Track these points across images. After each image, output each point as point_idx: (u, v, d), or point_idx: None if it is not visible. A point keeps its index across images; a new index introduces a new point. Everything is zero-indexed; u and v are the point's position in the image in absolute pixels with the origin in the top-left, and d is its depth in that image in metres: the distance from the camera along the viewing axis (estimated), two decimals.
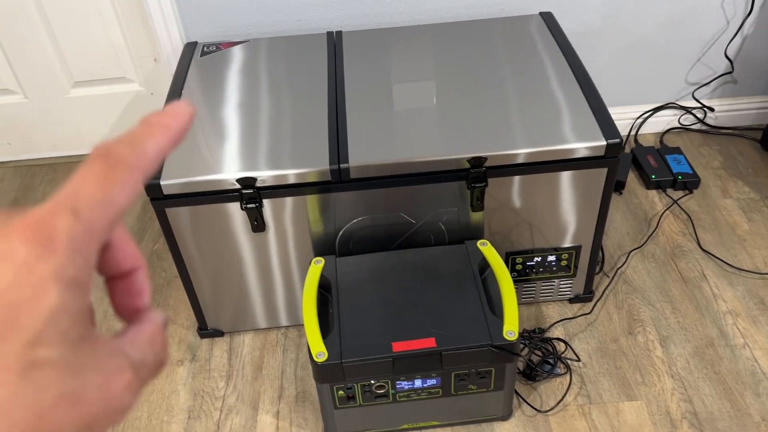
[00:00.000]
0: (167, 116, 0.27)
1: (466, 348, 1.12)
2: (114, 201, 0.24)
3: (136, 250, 0.28)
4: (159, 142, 0.26)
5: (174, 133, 0.27)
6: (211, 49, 1.55)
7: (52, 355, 0.21)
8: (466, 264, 1.26)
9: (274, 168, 1.21)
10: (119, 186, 0.24)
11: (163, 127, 0.26)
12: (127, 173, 0.25)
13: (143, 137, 0.26)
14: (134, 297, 0.28)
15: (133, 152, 0.25)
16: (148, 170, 0.26)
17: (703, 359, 1.37)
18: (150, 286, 0.29)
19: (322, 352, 1.11)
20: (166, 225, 1.27)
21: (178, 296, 1.57)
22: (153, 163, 0.26)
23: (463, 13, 1.66)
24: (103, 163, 0.24)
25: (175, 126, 0.27)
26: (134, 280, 0.28)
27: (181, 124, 0.27)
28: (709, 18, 1.72)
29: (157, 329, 0.28)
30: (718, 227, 1.64)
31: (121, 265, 0.28)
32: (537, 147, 1.22)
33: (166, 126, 0.27)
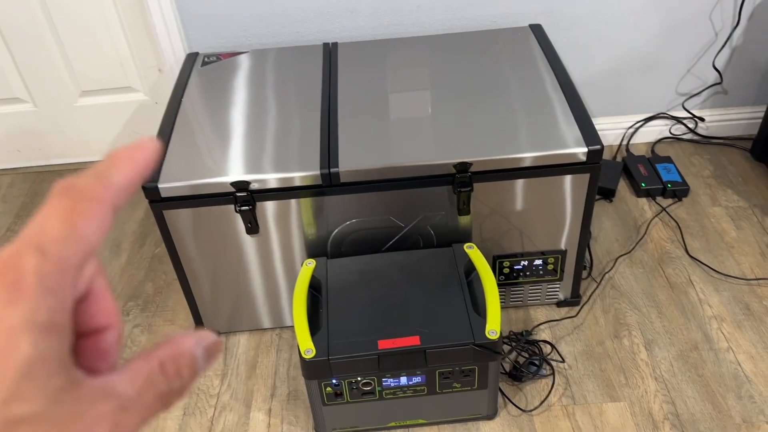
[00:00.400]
0: (132, 149, 0.26)
1: (449, 346, 1.16)
2: (82, 235, 0.23)
3: (114, 306, 0.26)
4: (125, 173, 0.25)
5: (140, 164, 0.26)
6: (212, 59, 1.61)
7: (31, 409, 0.20)
8: (453, 266, 1.30)
9: (268, 172, 1.26)
10: (86, 219, 0.23)
11: (128, 159, 0.26)
12: (93, 205, 0.23)
13: (108, 169, 0.25)
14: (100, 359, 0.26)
15: (98, 184, 0.24)
16: (116, 202, 0.24)
17: (687, 362, 1.39)
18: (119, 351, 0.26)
19: (310, 349, 1.15)
20: (164, 227, 1.32)
21: (177, 298, 1.62)
22: (120, 194, 0.25)
23: (455, 25, 1.71)
24: (66, 198, 0.23)
25: (141, 158, 0.26)
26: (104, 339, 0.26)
27: (147, 155, 0.26)
28: (698, 30, 1.76)
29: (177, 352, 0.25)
30: (706, 234, 1.67)
31: (94, 320, 0.26)
32: (521, 153, 1.26)
33: (132, 158, 0.26)
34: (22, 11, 1.75)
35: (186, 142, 1.34)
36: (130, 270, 1.71)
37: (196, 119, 1.41)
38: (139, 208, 1.89)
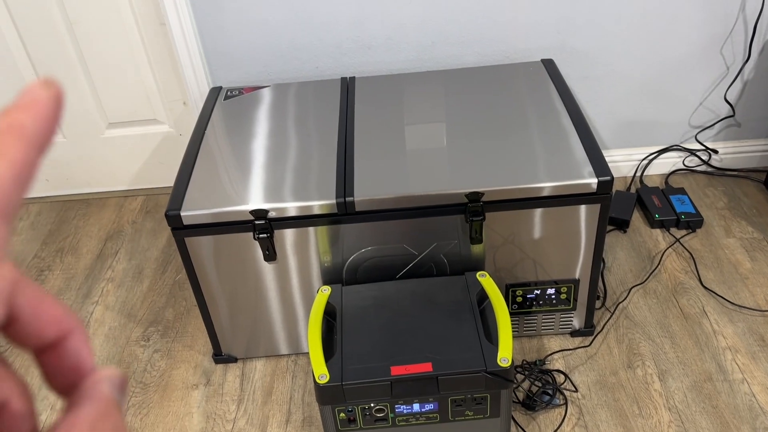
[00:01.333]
0: (17, 112, 0.19)
1: (461, 373, 1.18)
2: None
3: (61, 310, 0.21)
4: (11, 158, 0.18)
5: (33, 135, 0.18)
6: (234, 93, 1.67)
7: None
8: (465, 294, 1.32)
9: (286, 200, 1.30)
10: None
11: (13, 133, 0.18)
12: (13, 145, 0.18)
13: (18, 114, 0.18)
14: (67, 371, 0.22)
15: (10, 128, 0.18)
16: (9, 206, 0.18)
17: (700, 393, 1.39)
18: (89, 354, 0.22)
19: (324, 374, 1.18)
20: (186, 254, 1.36)
21: (196, 324, 1.65)
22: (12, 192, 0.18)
23: (469, 60, 1.76)
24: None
25: (31, 122, 0.19)
26: (66, 350, 0.21)
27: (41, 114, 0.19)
28: (709, 64, 1.79)
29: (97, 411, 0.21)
30: (720, 265, 1.67)
31: (43, 335, 0.21)
32: (531, 184, 1.29)
33: (18, 128, 0.18)
34: (54, 47, 1.84)
35: (208, 172, 1.39)
36: (152, 296, 1.75)
37: (218, 150, 1.46)
38: (161, 235, 1.94)
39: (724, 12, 1.69)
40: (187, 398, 1.48)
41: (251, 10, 1.69)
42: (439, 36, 1.73)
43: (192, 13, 1.70)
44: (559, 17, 1.70)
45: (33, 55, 1.86)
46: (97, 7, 1.78)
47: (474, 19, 1.70)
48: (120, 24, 1.80)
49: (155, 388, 1.51)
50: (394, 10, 1.69)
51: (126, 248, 1.92)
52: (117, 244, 1.94)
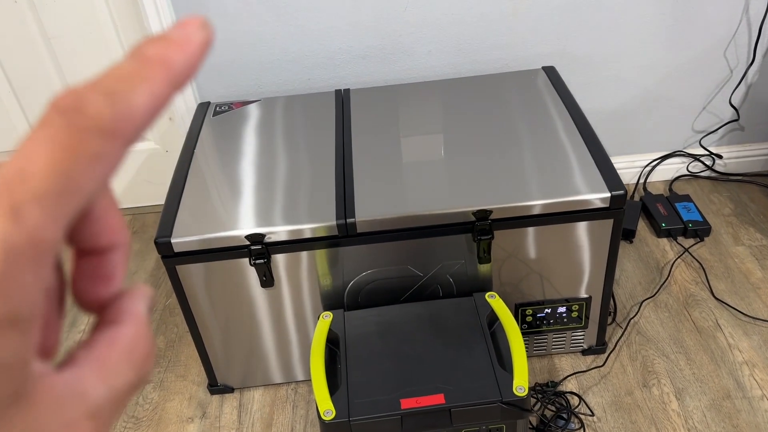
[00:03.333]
0: (170, 45, 0.18)
1: (475, 404, 1.11)
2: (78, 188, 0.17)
3: (121, 222, 0.21)
4: (153, 89, 0.18)
5: (177, 74, 0.18)
6: (224, 108, 1.59)
7: None
8: (475, 317, 1.26)
9: (283, 224, 1.23)
10: (87, 164, 0.17)
11: (162, 65, 0.18)
12: (101, 143, 0.17)
13: (131, 83, 0.17)
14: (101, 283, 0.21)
15: (113, 108, 0.17)
16: (133, 136, 0.17)
17: (720, 412, 1.33)
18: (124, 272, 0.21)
19: (330, 410, 1.11)
20: (177, 281, 1.29)
21: (189, 352, 1.57)
22: (142, 124, 0.18)
23: (468, 69, 1.70)
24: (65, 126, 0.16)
25: (181, 61, 0.18)
26: (107, 260, 0.21)
27: (190, 55, 0.18)
28: (713, 68, 1.74)
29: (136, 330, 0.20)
30: (731, 275, 1.62)
31: (97, 239, 0.20)
32: (542, 200, 1.23)
33: (167, 63, 0.18)
34: (31, 62, 1.75)
35: (199, 195, 1.32)
36: None
37: (209, 171, 1.38)
38: (149, 257, 1.86)
39: (728, 15, 1.65)
40: None
41: (239, 21, 1.62)
42: (435, 45, 1.66)
43: None
44: (559, 23, 1.64)
45: (9, 71, 1.77)
46: (76, 21, 1.69)
47: (471, 26, 1.64)
48: (100, 37, 1.72)
49: (148, 422, 1.43)
50: (389, 19, 1.62)
51: None
52: None
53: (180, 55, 0.18)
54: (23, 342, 0.16)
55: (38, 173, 0.16)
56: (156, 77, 0.18)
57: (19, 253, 0.15)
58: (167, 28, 0.19)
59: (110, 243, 0.21)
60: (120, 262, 0.21)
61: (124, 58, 0.18)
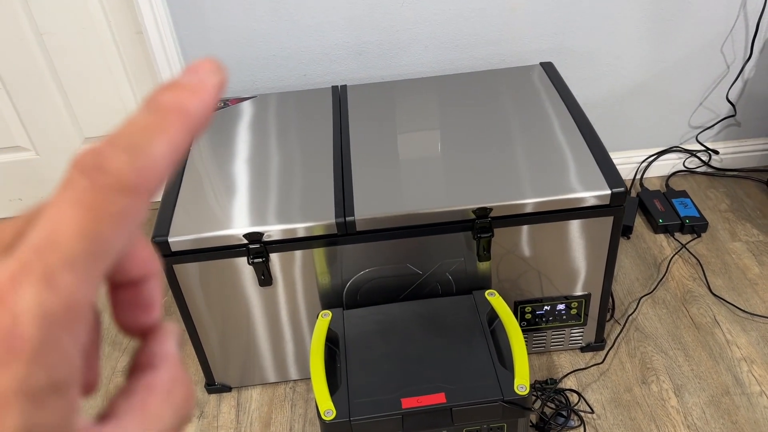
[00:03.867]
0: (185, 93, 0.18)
1: (476, 403, 1.10)
2: (108, 247, 0.16)
3: (152, 253, 0.21)
4: (172, 139, 0.17)
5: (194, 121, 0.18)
6: (219, 105, 1.57)
7: None
8: (474, 315, 1.25)
9: (281, 222, 1.22)
10: (115, 222, 0.16)
11: (178, 114, 0.18)
12: (125, 200, 0.17)
13: (149, 135, 0.17)
14: (141, 312, 0.22)
15: (135, 164, 0.17)
16: (154, 188, 0.17)
17: (719, 408, 1.34)
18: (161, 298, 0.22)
19: (330, 410, 1.10)
20: (174, 281, 1.27)
21: (186, 351, 1.56)
22: (163, 174, 0.17)
23: (465, 65, 1.69)
24: (89, 187, 0.16)
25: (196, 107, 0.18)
26: (143, 290, 0.21)
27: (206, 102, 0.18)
28: (710, 63, 1.74)
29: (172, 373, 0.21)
30: (728, 271, 1.62)
31: (129, 272, 0.21)
32: (542, 197, 1.22)
33: (184, 111, 0.18)
34: (23, 59, 1.72)
35: (195, 193, 1.30)
36: None
37: (205, 169, 1.37)
38: None
39: (725, 10, 1.64)
40: None
41: (234, 16, 1.60)
42: (432, 40, 1.65)
43: (171, 20, 1.60)
44: (557, 18, 1.63)
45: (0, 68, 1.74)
46: (68, 16, 1.67)
47: (468, 21, 1.63)
48: (93, 33, 1.69)
49: None
50: (385, 14, 1.61)
51: None
52: None
53: (195, 101, 0.18)
54: (67, 404, 0.16)
55: (67, 238, 0.16)
56: (173, 127, 0.18)
57: (56, 320, 0.16)
58: (180, 74, 0.19)
59: (143, 274, 0.21)
60: (156, 290, 0.22)
61: (139, 109, 0.18)
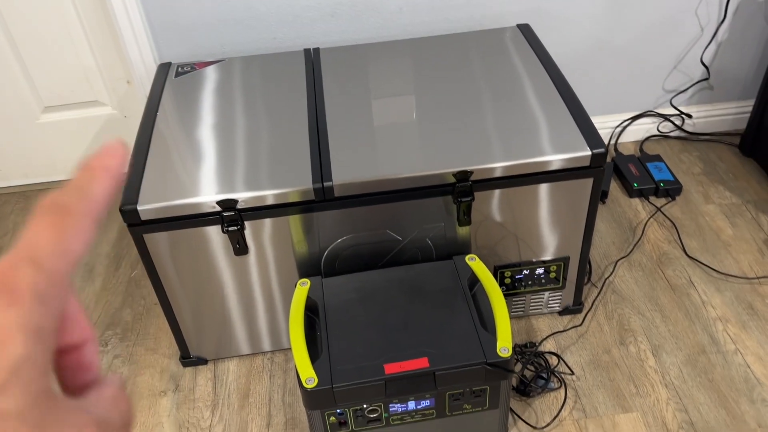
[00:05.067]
0: (104, 158, 0.27)
1: (459, 367, 1.09)
2: (70, 249, 0.24)
3: (87, 321, 0.27)
4: (103, 184, 0.26)
5: (114, 173, 0.27)
6: (186, 69, 1.51)
7: (15, 406, 0.21)
8: (455, 280, 1.24)
9: (255, 189, 1.18)
10: (73, 233, 0.24)
11: (103, 169, 0.27)
12: (78, 220, 0.25)
13: (87, 183, 0.26)
14: (84, 371, 0.27)
15: (81, 199, 0.25)
16: (98, 214, 0.26)
17: (695, 367, 1.35)
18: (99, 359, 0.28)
19: (312, 378, 1.08)
20: (145, 251, 1.22)
21: (159, 324, 1.52)
22: (101, 206, 0.26)
23: (441, 27, 1.65)
24: (52, 214, 0.24)
25: (114, 165, 0.27)
26: (84, 353, 0.27)
27: (119, 162, 0.27)
28: (684, 26, 1.73)
29: (117, 391, 0.27)
30: (702, 233, 1.64)
31: (71, 336, 0.27)
32: (522, 159, 1.20)
33: (106, 167, 0.27)
34: None
35: (164, 160, 1.25)
36: (106, 296, 1.60)
37: (174, 135, 1.31)
38: (111, 228, 1.78)
39: None
40: (155, 407, 1.36)
41: None
42: (407, 2, 1.61)
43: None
44: None
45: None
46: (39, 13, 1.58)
47: None
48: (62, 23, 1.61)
49: None
50: None
51: None
52: None
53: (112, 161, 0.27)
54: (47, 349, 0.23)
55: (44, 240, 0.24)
56: (102, 177, 0.26)
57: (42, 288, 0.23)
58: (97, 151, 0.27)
59: (82, 338, 0.27)
60: (94, 352, 0.27)
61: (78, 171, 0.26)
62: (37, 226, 0.24)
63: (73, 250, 0.24)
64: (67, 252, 0.24)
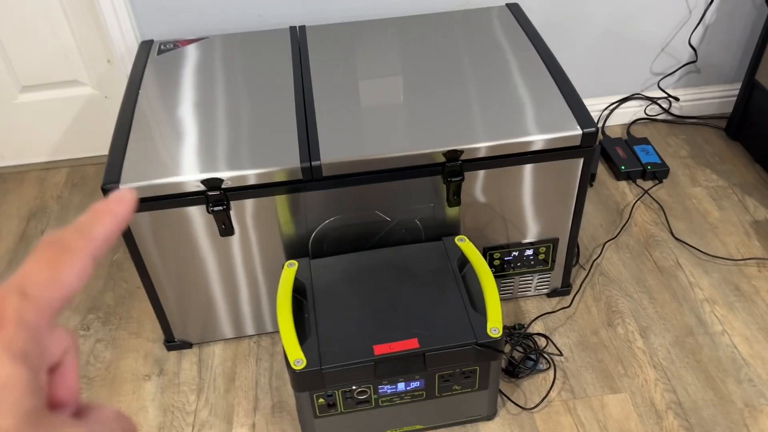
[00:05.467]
0: (112, 203, 0.28)
1: (450, 347, 1.08)
2: (62, 281, 0.25)
3: (77, 387, 0.28)
4: (105, 226, 0.27)
5: (119, 218, 0.28)
6: (168, 47, 1.48)
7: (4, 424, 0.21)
8: (445, 261, 1.22)
9: (242, 168, 1.15)
10: (67, 268, 0.25)
11: (108, 213, 0.27)
12: (75, 256, 0.25)
13: (90, 223, 0.27)
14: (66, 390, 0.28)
15: (81, 237, 0.26)
16: (96, 252, 0.26)
17: (683, 348, 1.36)
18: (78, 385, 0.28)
19: (300, 359, 1.06)
20: (127, 232, 1.20)
21: (142, 307, 1.49)
22: (101, 246, 0.27)
23: (429, 6, 1.63)
24: (51, 249, 0.25)
25: (120, 211, 0.28)
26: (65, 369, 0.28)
27: (126, 209, 0.28)
28: (673, 7, 1.72)
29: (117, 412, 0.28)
30: (689, 216, 1.64)
31: (56, 393, 0.27)
32: (511, 138, 1.19)
33: (112, 212, 0.27)
34: None
35: (147, 139, 1.22)
36: None
37: (156, 114, 1.28)
38: None
39: None
40: (139, 391, 1.33)
41: None
42: None
43: None
44: None
45: None
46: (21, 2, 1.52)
47: None
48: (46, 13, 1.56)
49: (101, 382, 1.35)
50: None
51: (52, 227, 1.71)
52: (42, 223, 1.73)
53: (119, 207, 0.28)
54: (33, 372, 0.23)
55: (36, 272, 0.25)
56: (105, 219, 0.27)
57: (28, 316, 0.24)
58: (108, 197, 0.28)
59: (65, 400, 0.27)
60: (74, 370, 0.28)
61: (85, 214, 0.27)
62: (34, 260, 0.25)
63: (66, 284, 0.25)
64: (59, 285, 0.25)
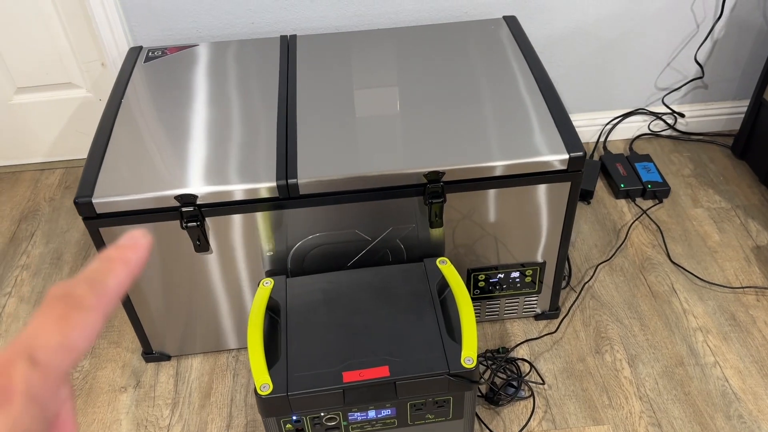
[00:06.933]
0: (126, 250, 0.26)
1: (421, 377, 1.05)
2: (73, 344, 0.23)
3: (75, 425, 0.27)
4: (119, 277, 0.25)
5: (133, 267, 0.26)
6: (157, 54, 1.46)
7: None
8: (425, 284, 1.19)
9: (217, 183, 1.13)
10: (78, 329, 0.24)
11: (122, 262, 0.26)
12: (86, 314, 0.24)
13: (103, 274, 0.25)
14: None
15: (93, 292, 0.24)
16: (109, 309, 0.25)
17: (672, 379, 1.31)
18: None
19: (267, 384, 1.03)
20: (102, 245, 1.18)
21: (123, 317, 1.48)
22: (113, 300, 0.25)
23: (424, 17, 1.59)
24: (61, 306, 0.24)
25: (134, 258, 0.26)
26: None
27: (140, 256, 0.26)
28: (679, 22, 1.66)
29: None
30: (688, 238, 1.59)
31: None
32: (498, 161, 1.15)
33: (126, 260, 0.26)
34: None
35: (126, 151, 1.20)
36: None
37: (136, 124, 1.26)
38: None
39: None
40: (114, 403, 1.32)
41: None
42: None
43: None
44: None
45: None
46: None
47: None
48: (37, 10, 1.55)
49: (78, 392, 1.34)
50: None
51: (43, 230, 1.71)
52: (32, 225, 1.73)
53: (133, 254, 0.26)
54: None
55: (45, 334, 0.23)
56: (119, 270, 0.26)
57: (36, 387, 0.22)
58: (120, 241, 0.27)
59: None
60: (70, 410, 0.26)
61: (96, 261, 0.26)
62: (44, 319, 0.23)
63: (76, 347, 0.23)
64: (69, 349, 0.23)
